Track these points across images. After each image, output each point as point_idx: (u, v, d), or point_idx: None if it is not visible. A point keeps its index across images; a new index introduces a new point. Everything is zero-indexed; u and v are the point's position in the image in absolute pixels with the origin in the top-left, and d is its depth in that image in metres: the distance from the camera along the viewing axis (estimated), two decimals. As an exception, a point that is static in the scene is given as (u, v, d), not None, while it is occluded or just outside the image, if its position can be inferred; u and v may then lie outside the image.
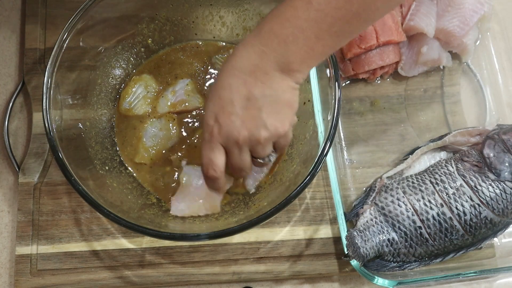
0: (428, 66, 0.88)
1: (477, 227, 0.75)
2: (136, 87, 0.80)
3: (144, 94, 0.80)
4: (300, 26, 0.57)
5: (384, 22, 0.83)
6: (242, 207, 0.74)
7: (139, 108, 0.79)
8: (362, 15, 0.57)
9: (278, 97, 0.60)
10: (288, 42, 0.58)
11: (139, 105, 0.79)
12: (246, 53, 0.60)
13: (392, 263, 0.76)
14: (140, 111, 0.79)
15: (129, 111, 0.79)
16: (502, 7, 0.91)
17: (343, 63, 0.85)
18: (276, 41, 0.58)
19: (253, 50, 0.59)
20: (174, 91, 0.79)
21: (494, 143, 0.78)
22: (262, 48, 0.59)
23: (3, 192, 0.81)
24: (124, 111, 0.79)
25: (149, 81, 0.80)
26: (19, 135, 0.83)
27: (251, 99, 0.60)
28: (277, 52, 0.58)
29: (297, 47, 0.58)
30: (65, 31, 0.71)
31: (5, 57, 0.87)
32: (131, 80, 0.81)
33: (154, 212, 0.73)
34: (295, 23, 0.57)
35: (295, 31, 0.57)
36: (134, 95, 0.79)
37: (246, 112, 0.60)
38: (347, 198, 0.82)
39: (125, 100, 0.79)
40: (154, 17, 0.80)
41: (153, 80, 0.81)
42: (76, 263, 0.76)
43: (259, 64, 0.59)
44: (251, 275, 0.77)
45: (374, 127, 0.86)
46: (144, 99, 0.79)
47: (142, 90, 0.80)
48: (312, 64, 0.61)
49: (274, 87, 0.60)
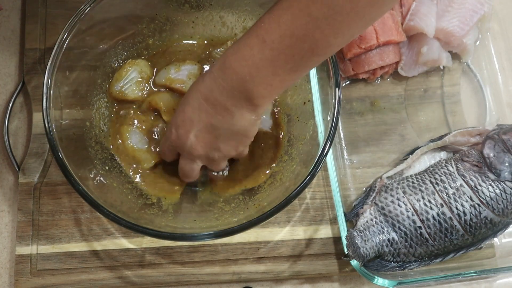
0: (428, 66, 0.88)
1: (477, 227, 0.75)
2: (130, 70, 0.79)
3: (137, 80, 0.79)
4: (256, 65, 0.59)
5: (384, 22, 0.83)
6: (242, 207, 0.74)
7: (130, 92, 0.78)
8: (315, 51, 0.58)
9: (235, 129, 0.65)
10: (246, 81, 0.60)
11: (131, 89, 0.79)
12: (210, 84, 0.63)
13: (392, 263, 0.76)
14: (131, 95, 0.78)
15: (120, 94, 0.78)
16: (502, 7, 0.91)
17: (343, 63, 0.85)
18: (235, 78, 0.60)
19: (215, 84, 0.62)
20: (180, 69, 0.79)
21: (494, 143, 0.78)
22: (223, 84, 0.61)
23: (3, 192, 0.81)
24: (115, 93, 0.78)
25: (144, 67, 0.80)
26: (19, 135, 0.83)
27: (208, 127, 0.65)
28: (236, 90, 0.61)
29: (255, 85, 0.60)
30: (65, 31, 0.71)
31: (5, 57, 0.86)
32: (126, 63, 0.80)
33: (154, 212, 0.73)
34: (251, 62, 0.59)
35: (252, 71, 0.59)
36: (127, 78, 0.79)
37: (202, 135, 0.65)
38: (347, 198, 0.82)
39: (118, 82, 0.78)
40: (154, 17, 0.80)
41: (148, 67, 0.80)
42: (76, 263, 0.76)
43: (219, 99, 0.62)
44: (251, 275, 0.77)
45: (374, 127, 0.86)
46: (137, 84, 0.79)
47: (136, 75, 0.79)
48: (271, 97, 0.63)
49: (232, 122, 0.64)
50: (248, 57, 0.59)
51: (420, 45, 0.85)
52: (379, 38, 0.82)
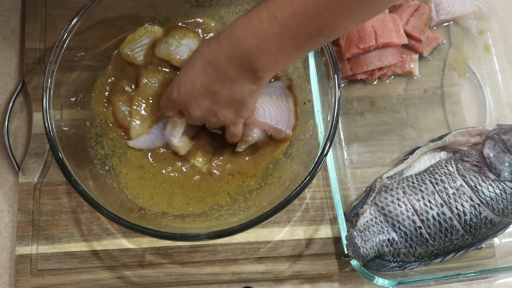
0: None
1: (477, 227, 0.75)
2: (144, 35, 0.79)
3: (148, 46, 0.79)
4: (264, 39, 0.60)
5: (384, 24, 0.83)
6: (242, 207, 0.74)
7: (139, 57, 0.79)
8: (324, 31, 0.59)
9: (235, 97, 0.66)
10: (252, 52, 0.61)
11: (140, 54, 0.79)
12: (215, 50, 0.65)
13: (392, 263, 0.76)
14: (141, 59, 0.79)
15: (129, 57, 0.78)
16: (502, 7, 0.91)
17: (342, 63, 0.85)
18: (242, 48, 0.62)
19: (221, 51, 0.63)
20: (180, 43, 0.79)
21: (494, 143, 0.78)
22: (229, 52, 0.62)
23: (3, 192, 0.81)
24: (125, 55, 0.78)
25: (159, 35, 0.80)
26: (19, 135, 0.83)
27: (209, 91, 0.66)
28: (241, 60, 0.62)
29: (260, 58, 0.61)
30: (65, 31, 0.71)
31: (5, 57, 0.87)
32: (142, 27, 0.80)
33: (154, 212, 0.73)
34: (260, 35, 0.60)
35: (259, 43, 0.60)
36: (140, 42, 0.79)
37: (202, 98, 0.67)
38: (347, 198, 0.82)
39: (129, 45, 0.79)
40: (154, 17, 0.80)
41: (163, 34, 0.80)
42: (76, 263, 0.76)
43: (223, 65, 0.64)
44: (251, 275, 0.77)
45: (374, 127, 0.86)
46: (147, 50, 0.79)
47: (149, 41, 0.79)
48: (274, 71, 0.65)
49: (233, 89, 0.65)
50: (257, 29, 0.60)
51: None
52: (378, 39, 0.82)
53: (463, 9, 0.90)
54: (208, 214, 0.75)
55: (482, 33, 0.91)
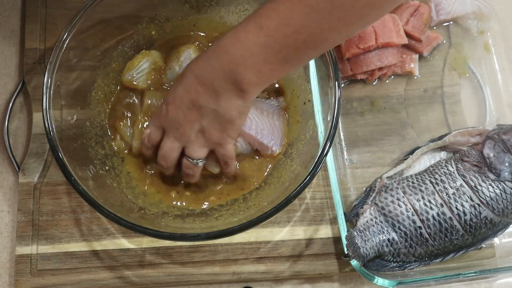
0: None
1: (477, 227, 0.75)
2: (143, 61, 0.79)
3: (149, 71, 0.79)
4: (250, 50, 0.60)
5: (384, 24, 0.83)
6: (242, 207, 0.74)
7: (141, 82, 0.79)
8: (309, 44, 0.59)
9: (221, 113, 0.65)
10: (237, 64, 0.61)
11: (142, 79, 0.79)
12: (202, 63, 0.64)
13: (392, 263, 0.76)
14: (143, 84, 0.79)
15: (131, 83, 0.79)
16: (502, 7, 0.91)
17: (342, 63, 0.85)
18: (227, 59, 0.61)
19: (208, 64, 0.63)
20: (180, 62, 0.79)
21: (494, 143, 0.78)
22: (215, 65, 0.62)
23: (3, 192, 0.81)
24: (126, 81, 0.79)
25: (156, 58, 0.80)
26: (19, 135, 0.83)
27: (196, 105, 0.65)
28: (225, 71, 0.62)
29: (245, 69, 0.61)
30: (65, 31, 0.71)
31: (5, 57, 0.87)
32: (140, 54, 0.80)
33: (154, 212, 0.73)
34: (245, 46, 0.60)
35: (245, 54, 0.60)
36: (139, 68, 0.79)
37: (189, 112, 0.66)
38: (347, 198, 0.82)
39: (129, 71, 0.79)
40: (154, 17, 0.81)
41: (160, 58, 0.80)
42: (76, 263, 0.76)
43: (209, 78, 0.63)
44: (251, 275, 0.77)
45: (374, 127, 0.86)
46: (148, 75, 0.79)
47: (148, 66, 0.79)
48: (260, 85, 0.64)
49: (219, 103, 0.64)
50: (243, 40, 0.60)
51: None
52: (378, 40, 0.82)
53: (463, 9, 0.90)
54: (208, 214, 0.75)
55: (482, 33, 0.91)
